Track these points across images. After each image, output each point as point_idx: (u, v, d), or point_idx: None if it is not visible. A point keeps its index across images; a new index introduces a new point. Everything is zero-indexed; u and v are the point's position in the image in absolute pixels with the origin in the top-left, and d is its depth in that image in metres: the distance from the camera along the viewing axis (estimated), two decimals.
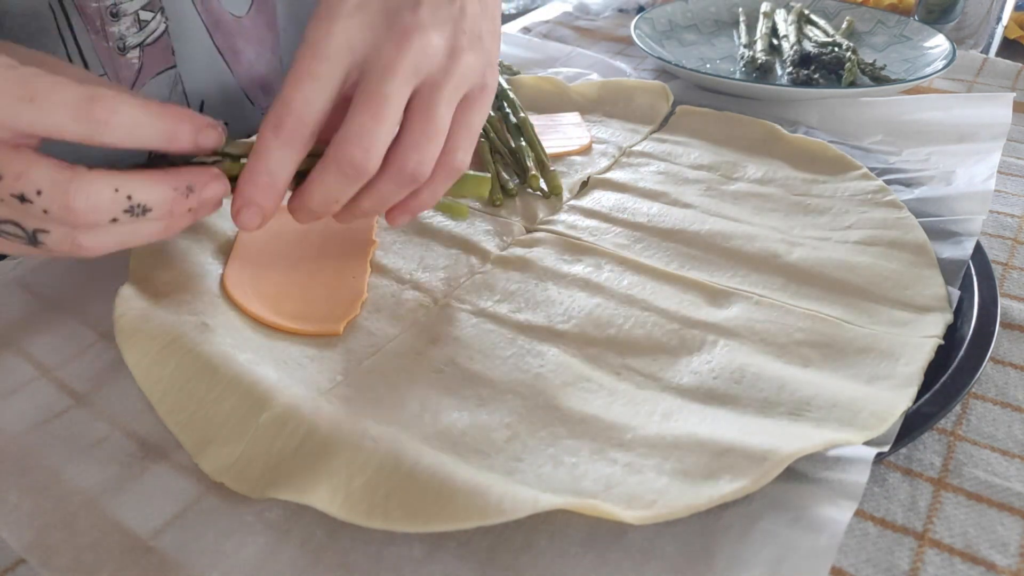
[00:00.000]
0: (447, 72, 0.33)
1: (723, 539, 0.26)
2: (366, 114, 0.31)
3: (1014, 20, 0.76)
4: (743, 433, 0.29)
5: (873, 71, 0.64)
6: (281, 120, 0.32)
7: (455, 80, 0.33)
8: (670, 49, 0.72)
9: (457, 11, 0.34)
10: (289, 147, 0.32)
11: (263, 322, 0.36)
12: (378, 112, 0.31)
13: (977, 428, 0.32)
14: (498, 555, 0.26)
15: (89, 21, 0.46)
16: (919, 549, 0.27)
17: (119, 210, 0.29)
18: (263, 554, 0.26)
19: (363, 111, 0.31)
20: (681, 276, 0.39)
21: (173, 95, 0.53)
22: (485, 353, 0.35)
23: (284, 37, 0.60)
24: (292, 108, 0.32)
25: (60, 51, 0.46)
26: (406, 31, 0.32)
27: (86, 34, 0.47)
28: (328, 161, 0.32)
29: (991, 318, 0.35)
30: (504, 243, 0.43)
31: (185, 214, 0.32)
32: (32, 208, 0.28)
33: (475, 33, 0.35)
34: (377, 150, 0.32)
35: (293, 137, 0.32)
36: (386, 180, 0.33)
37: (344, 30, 0.32)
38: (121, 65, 0.49)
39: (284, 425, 0.30)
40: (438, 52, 0.33)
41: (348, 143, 0.31)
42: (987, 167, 0.46)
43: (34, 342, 0.36)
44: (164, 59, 0.51)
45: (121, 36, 0.48)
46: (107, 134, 0.29)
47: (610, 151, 0.53)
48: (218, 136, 0.33)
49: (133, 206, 0.30)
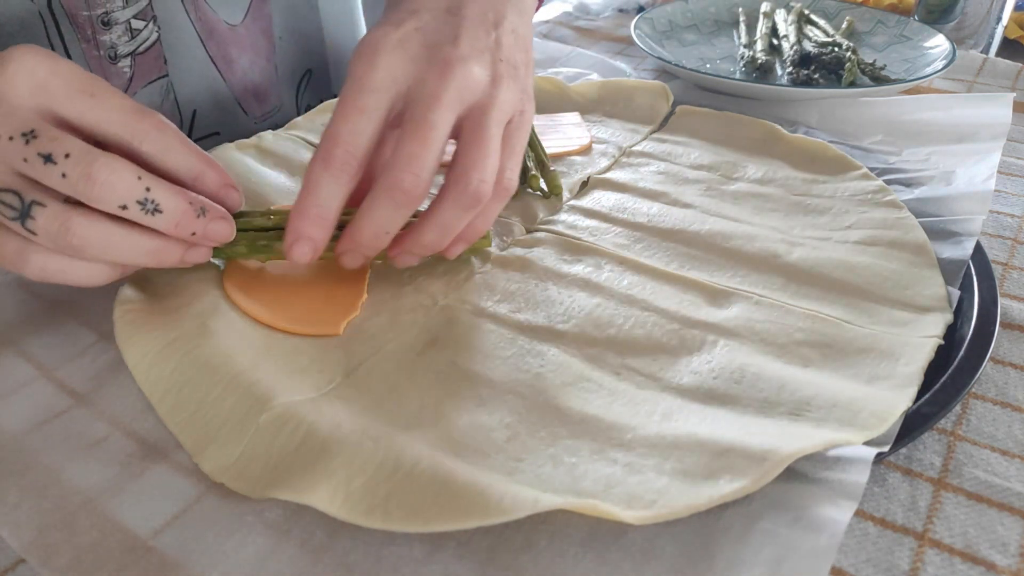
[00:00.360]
0: (491, 98, 0.34)
1: (723, 539, 0.26)
2: (414, 141, 0.32)
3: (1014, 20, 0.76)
4: (743, 433, 0.29)
5: (873, 71, 0.64)
6: (330, 154, 0.33)
7: (499, 106, 0.34)
8: (670, 49, 0.72)
9: (493, 43, 0.36)
10: (338, 180, 0.33)
11: (263, 323, 0.36)
12: (425, 139, 0.32)
13: (977, 428, 0.32)
14: (498, 555, 0.26)
15: (80, 29, 0.46)
16: (919, 549, 0.27)
17: (133, 197, 0.30)
18: (263, 554, 0.26)
19: (411, 139, 0.32)
20: (681, 276, 0.39)
21: (165, 104, 0.53)
22: (485, 353, 0.34)
23: (280, 45, 0.59)
24: (340, 141, 0.33)
25: None
26: (448, 62, 0.33)
27: (76, 43, 0.46)
28: (379, 191, 0.33)
29: (991, 318, 0.35)
30: (504, 243, 0.43)
31: (184, 239, 0.33)
32: (52, 170, 0.29)
33: (511, 63, 0.36)
34: (426, 175, 0.32)
35: (343, 170, 0.33)
36: (449, 204, 0.34)
37: (388, 64, 0.33)
38: (112, 74, 0.49)
39: (284, 425, 0.30)
40: (480, 81, 0.34)
41: (398, 170, 0.32)
42: (987, 167, 0.46)
43: (34, 342, 0.36)
44: (156, 68, 0.51)
45: (112, 45, 0.48)
46: (145, 143, 0.31)
47: (610, 151, 0.53)
48: (238, 200, 0.35)
49: (148, 199, 0.31)
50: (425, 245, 0.36)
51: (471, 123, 0.34)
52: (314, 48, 0.63)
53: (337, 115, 0.33)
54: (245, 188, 0.46)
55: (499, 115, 0.34)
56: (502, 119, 0.35)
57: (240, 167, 0.49)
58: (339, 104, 0.33)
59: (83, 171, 0.29)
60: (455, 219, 0.34)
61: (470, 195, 0.33)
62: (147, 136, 0.31)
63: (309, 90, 0.64)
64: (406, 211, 0.33)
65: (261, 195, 0.46)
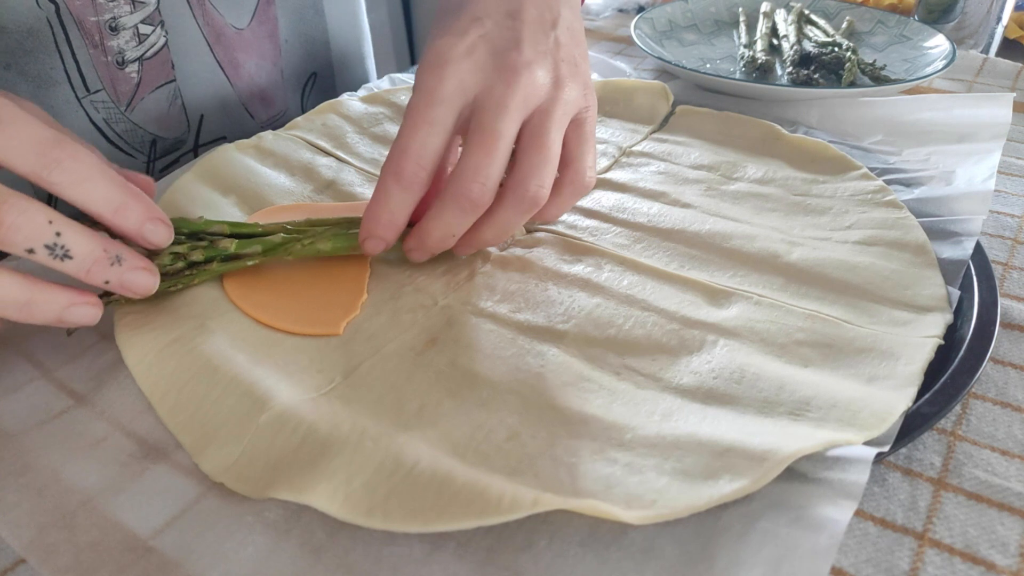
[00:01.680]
0: (554, 101, 0.35)
1: (723, 539, 0.26)
2: (481, 151, 0.33)
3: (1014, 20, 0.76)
4: (743, 433, 0.29)
5: (873, 71, 0.64)
6: (401, 167, 0.34)
7: (562, 107, 0.35)
8: (670, 49, 0.72)
9: (552, 44, 0.37)
10: (408, 192, 0.35)
11: (263, 323, 0.36)
12: (492, 148, 0.33)
13: (977, 428, 0.32)
14: (498, 555, 0.26)
15: (88, 35, 0.46)
16: (919, 549, 0.27)
17: (41, 242, 0.29)
18: (263, 554, 0.26)
19: (478, 148, 0.33)
20: (681, 276, 0.39)
21: (172, 109, 0.53)
22: (485, 353, 0.34)
23: (285, 49, 0.59)
24: (410, 154, 0.34)
25: (58, 66, 0.46)
26: (514, 69, 0.34)
27: (85, 49, 0.46)
28: (446, 198, 0.34)
29: (991, 318, 0.35)
30: (504, 243, 0.43)
31: (95, 286, 0.31)
32: None
33: (571, 61, 0.37)
34: (492, 183, 0.34)
35: (412, 182, 0.34)
36: (507, 208, 0.35)
37: (455, 73, 0.34)
38: (120, 79, 0.49)
39: (284, 425, 0.30)
40: (544, 85, 0.35)
41: (465, 179, 0.33)
42: (987, 167, 0.46)
43: (34, 342, 0.36)
44: (163, 73, 0.51)
45: (120, 50, 0.48)
46: (57, 174, 0.29)
47: (610, 151, 0.53)
48: (167, 236, 0.33)
49: (57, 244, 0.29)
50: (485, 242, 0.37)
51: (532, 127, 0.35)
52: (319, 52, 0.64)
53: (407, 127, 0.34)
54: (245, 188, 0.47)
55: (560, 117, 0.35)
56: (563, 121, 0.36)
57: (240, 167, 0.49)
58: (408, 115, 0.34)
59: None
60: (513, 221, 0.36)
61: (528, 200, 0.35)
62: (59, 166, 0.29)
63: (314, 94, 0.65)
64: (472, 217, 0.35)
65: (261, 195, 0.46)
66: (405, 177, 0.34)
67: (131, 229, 0.32)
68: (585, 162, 0.37)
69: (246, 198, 0.46)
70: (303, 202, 0.47)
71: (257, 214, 0.44)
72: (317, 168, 0.50)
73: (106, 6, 0.46)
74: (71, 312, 0.31)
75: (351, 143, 0.53)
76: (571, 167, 0.37)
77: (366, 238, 0.36)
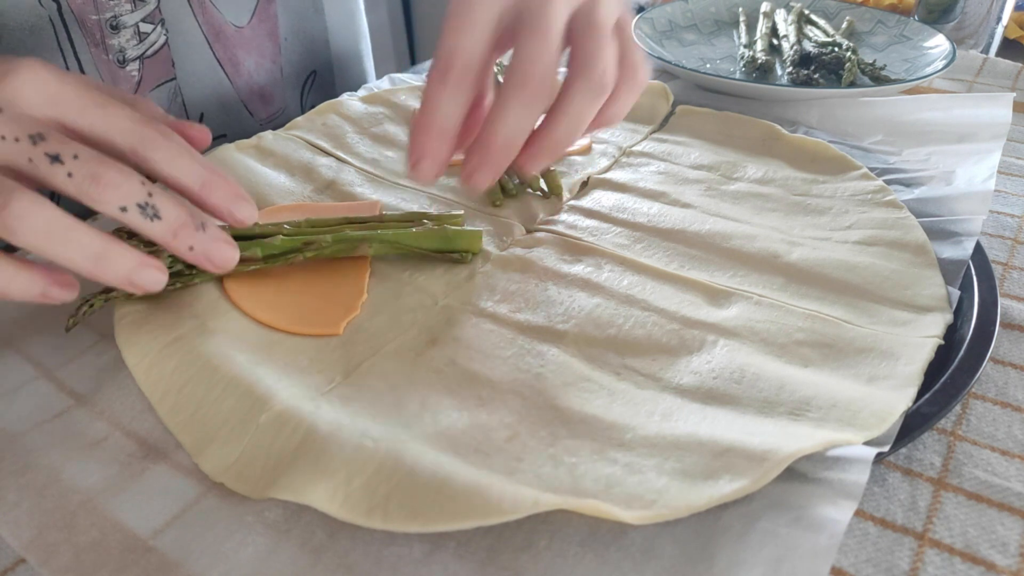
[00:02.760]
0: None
1: (723, 539, 0.26)
2: (534, 39, 0.32)
3: (1014, 20, 0.76)
4: (743, 433, 0.29)
5: (873, 71, 0.64)
6: (447, 67, 0.32)
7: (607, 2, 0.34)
8: (670, 49, 0.72)
9: None
10: (456, 93, 0.33)
11: (263, 323, 0.36)
12: (546, 34, 0.32)
13: (977, 428, 0.32)
14: (498, 555, 0.26)
15: (89, 34, 0.46)
16: (919, 549, 0.27)
17: (135, 200, 0.30)
18: (263, 554, 0.26)
19: (531, 37, 0.32)
20: (681, 276, 0.39)
21: (172, 107, 0.53)
22: (485, 353, 0.34)
23: (285, 46, 0.60)
24: (456, 54, 0.32)
25: (59, 65, 0.46)
26: None
27: (86, 48, 0.47)
28: (507, 92, 0.32)
29: (991, 318, 0.35)
30: (504, 243, 0.43)
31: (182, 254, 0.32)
32: (59, 169, 0.29)
33: None
34: (551, 72, 0.32)
35: (461, 82, 0.32)
36: (577, 95, 0.33)
37: None
38: (120, 78, 0.49)
39: (284, 425, 0.30)
40: None
41: (525, 66, 0.32)
42: (987, 167, 0.46)
43: (34, 342, 0.36)
44: (164, 71, 0.51)
45: (121, 49, 0.48)
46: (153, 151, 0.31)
47: (610, 151, 0.53)
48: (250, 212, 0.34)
49: (148, 204, 0.30)
50: (558, 140, 0.35)
51: (582, 19, 0.33)
52: (319, 50, 0.64)
53: (448, 30, 0.33)
54: (245, 187, 0.46)
55: (609, 9, 0.34)
56: (612, 13, 0.34)
57: (240, 167, 0.49)
58: (449, 19, 0.33)
59: (90, 170, 0.29)
60: (585, 109, 0.34)
61: (596, 83, 0.33)
62: (154, 143, 0.31)
63: (313, 92, 0.65)
64: (537, 110, 0.33)
65: (261, 195, 0.46)
66: (452, 77, 0.32)
67: (219, 204, 0.33)
68: (637, 56, 0.36)
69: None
70: (303, 202, 0.47)
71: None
72: (317, 168, 0.50)
73: (107, 4, 0.46)
74: (140, 273, 0.31)
75: (351, 143, 0.53)
76: (624, 62, 0.35)
77: (418, 159, 0.33)
